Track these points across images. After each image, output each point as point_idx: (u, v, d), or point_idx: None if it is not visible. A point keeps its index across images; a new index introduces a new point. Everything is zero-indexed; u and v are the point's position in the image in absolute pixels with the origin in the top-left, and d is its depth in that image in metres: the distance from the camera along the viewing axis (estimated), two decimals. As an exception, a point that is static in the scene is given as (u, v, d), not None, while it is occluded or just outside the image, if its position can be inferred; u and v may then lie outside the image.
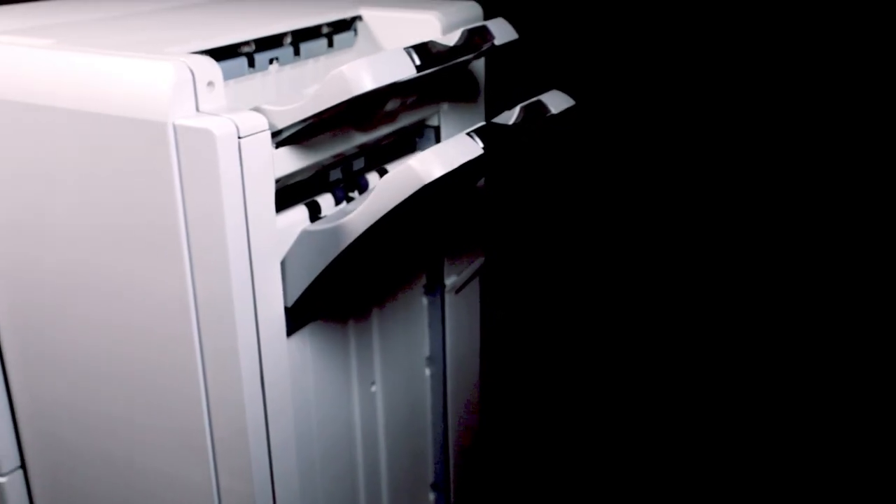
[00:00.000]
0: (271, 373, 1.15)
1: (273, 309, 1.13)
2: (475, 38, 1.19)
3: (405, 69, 1.06)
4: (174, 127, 1.01)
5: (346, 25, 1.45)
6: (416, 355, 1.57)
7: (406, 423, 1.57)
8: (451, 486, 1.70)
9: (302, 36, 1.35)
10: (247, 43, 1.25)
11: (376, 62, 1.03)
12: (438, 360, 1.60)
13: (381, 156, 1.38)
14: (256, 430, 1.14)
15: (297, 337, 1.23)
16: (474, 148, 1.04)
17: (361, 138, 1.25)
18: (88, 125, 1.07)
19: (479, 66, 1.51)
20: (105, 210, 1.10)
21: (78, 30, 1.28)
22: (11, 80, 1.12)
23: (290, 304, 1.15)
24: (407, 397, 1.56)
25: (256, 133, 1.04)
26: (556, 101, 1.22)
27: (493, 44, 1.22)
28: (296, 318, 1.20)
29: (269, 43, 1.30)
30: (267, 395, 1.15)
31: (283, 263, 1.13)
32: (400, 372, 1.52)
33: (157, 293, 1.10)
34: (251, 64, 1.28)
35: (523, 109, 1.16)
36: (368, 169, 1.35)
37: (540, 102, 1.19)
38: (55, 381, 1.26)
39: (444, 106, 1.43)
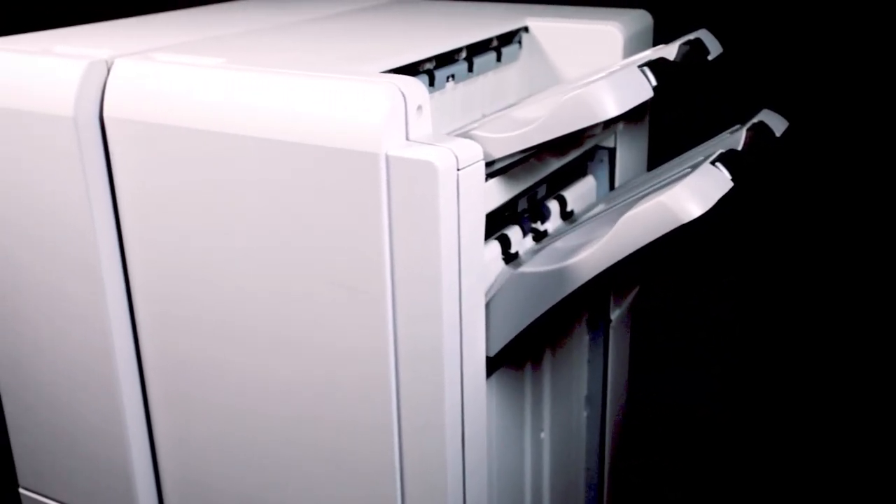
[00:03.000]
0: (471, 428, 1.02)
1: (476, 359, 1.00)
2: (693, 53, 1.06)
3: (644, 90, 0.93)
4: (387, 158, 0.89)
5: (511, 38, 1.32)
6: (576, 396, 1.44)
7: (565, 468, 1.44)
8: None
9: (475, 50, 1.23)
10: (429, 59, 1.13)
11: (618, 84, 0.90)
12: (597, 399, 1.48)
13: (556, 182, 1.25)
14: (455, 492, 1.02)
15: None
16: (724, 180, 0.91)
17: (555, 164, 1.13)
18: (278, 155, 0.95)
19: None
20: (293, 246, 0.98)
21: (237, 46, 1.16)
22: (185, 104, 1.00)
23: (492, 354, 1.03)
24: (566, 441, 1.43)
25: (472, 164, 0.92)
26: (775, 123, 1.09)
27: (707, 58, 1.09)
28: (488, 368, 1.07)
29: (446, 59, 1.18)
30: (466, 455, 1.02)
31: (486, 308, 1.01)
32: (563, 415, 1.39)
33: (349, 337, 0.98)
34: (431, 82, 1.15)
35: (750, 132, 1.03)
36: (547, 196, 1.23)
37: (764, 125, 1.06)
38: (209, 428, 1.14)
39: (620, 126, 1.30)
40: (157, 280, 1.10)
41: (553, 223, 1.21)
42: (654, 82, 0.94)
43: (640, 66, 0.94)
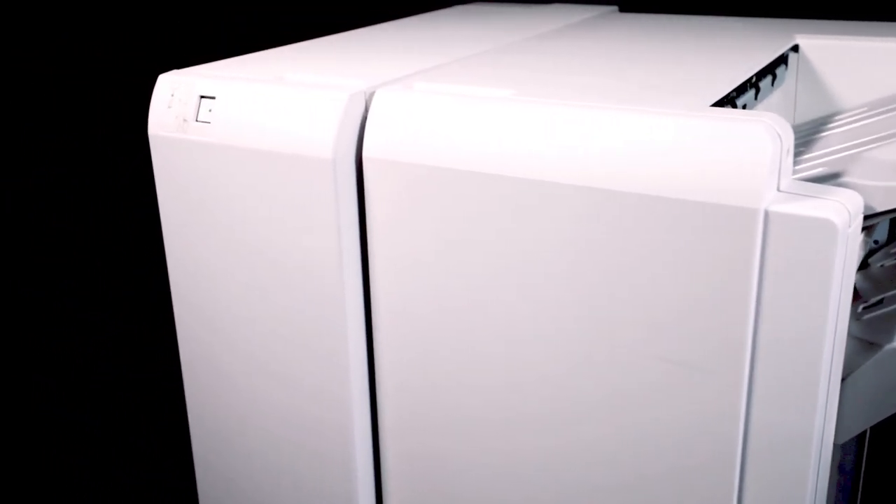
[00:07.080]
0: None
1: (826, 450, 0.84)
2: None
3: None
4: (766, 214, 0.73)
5: (781, 58, 1.16)
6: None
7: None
8: None
9: (760, 76, 1.07)
10: (734, 90, 0.97)
11: None
12: (850, 447, 1.30)
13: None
14: None
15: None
16: None
17: (882, 210, 0.97)
18: (605, 207, 0.79)
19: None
20: (610, 316, 0.82)
21: (500, 70, 1.01)
22: (475, 144, 0.85)
23: (842, 441, 0.86)
24: None
25: (857, 219, 0.76)
26: None
27: None
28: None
29: (740, 88, 1.02)
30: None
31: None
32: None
33: (683, 425, 0.82)
34: (732, 115, 1.00)
35: None
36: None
37: None
38: None
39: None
40: (408, 354, 0.95)
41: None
42: None
43: None
